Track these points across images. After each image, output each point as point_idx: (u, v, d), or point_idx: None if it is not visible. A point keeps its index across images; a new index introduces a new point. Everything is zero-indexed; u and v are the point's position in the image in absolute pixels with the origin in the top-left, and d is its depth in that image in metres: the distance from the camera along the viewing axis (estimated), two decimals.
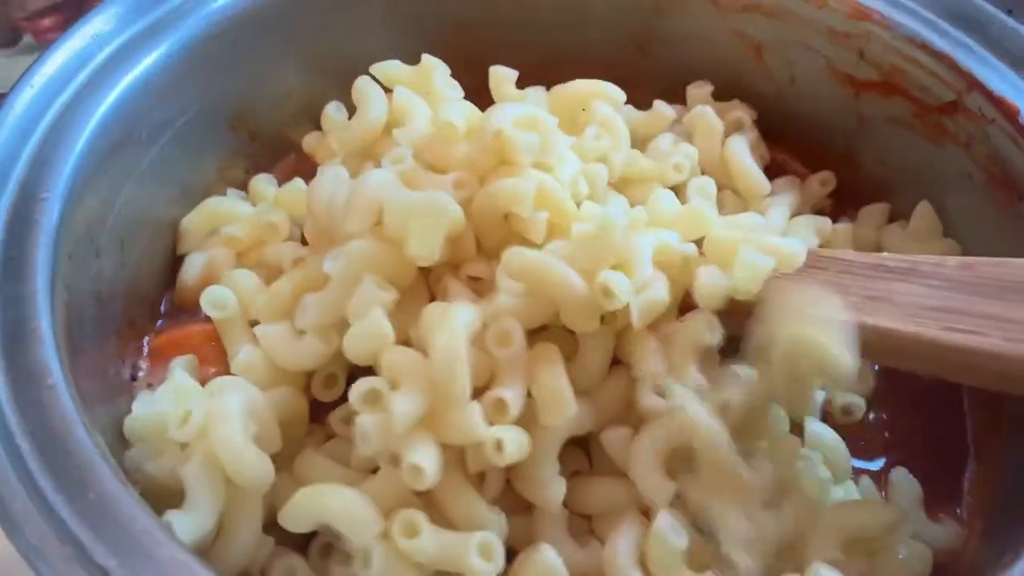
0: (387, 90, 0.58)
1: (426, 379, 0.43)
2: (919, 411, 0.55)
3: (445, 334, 0.43)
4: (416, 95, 0.56)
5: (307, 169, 0.66)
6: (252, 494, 0.44)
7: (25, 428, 0.38)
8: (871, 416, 0.55)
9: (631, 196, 0.61)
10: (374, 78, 0.58)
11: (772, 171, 0.65)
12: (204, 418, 0.43)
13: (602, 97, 0.58)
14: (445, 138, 0.52)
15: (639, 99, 0.65)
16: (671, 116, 0.64)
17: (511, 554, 0.44)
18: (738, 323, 0.48)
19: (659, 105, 0.65)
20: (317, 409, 0.51)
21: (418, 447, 0.42)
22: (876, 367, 0.55)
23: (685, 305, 0.50)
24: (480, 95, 0.58)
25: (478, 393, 0.44)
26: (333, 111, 0.63)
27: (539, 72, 0.68)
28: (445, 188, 0.50)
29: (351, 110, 0.61)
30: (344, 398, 0.49)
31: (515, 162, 0.50)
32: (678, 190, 0.59)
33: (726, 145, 0.63)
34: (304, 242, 0.57)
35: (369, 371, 0.46)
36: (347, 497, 0.42)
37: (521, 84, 0.68)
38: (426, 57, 0.57)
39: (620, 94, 0.58)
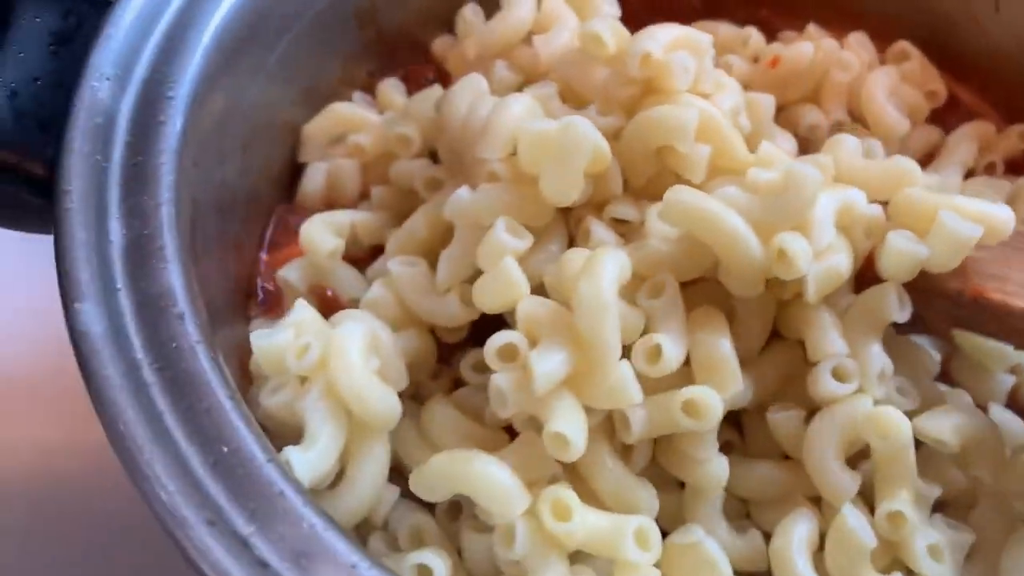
0: None
1: (569, 334, 0.38)
2: None
3: (591, 283, 0.38)
4: (569, 7, 0.50)
5: (434, 77, 0.61)
6: (376, 431, 0.40)
7: (152, 362, 0.35)
8: None
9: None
10: None
11: (954, 116, 0.58)
12: (324, 349, 0.39)
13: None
14: (589, 55, 0.46)
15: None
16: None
17: None
18: (920, 299, 0.42)
19: (811, 28, 0.58)
20: (441, 348, 0.47)
21: (562, 412, 0.38)
22: None
23: (860, 276, 0.44)
24: None
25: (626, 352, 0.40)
26: (470, 14, 0.58)
27: None
28: (588, 116, 0.44)
29: (489, 15, 0.55)
30: (469, 339, 0.46)
31: (668, 90, 0.44)
32: None
33: (867, 80, 0.55)
34: (435, 159, 0.52)
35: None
36: (490, 468, 0.38)
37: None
38: None
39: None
